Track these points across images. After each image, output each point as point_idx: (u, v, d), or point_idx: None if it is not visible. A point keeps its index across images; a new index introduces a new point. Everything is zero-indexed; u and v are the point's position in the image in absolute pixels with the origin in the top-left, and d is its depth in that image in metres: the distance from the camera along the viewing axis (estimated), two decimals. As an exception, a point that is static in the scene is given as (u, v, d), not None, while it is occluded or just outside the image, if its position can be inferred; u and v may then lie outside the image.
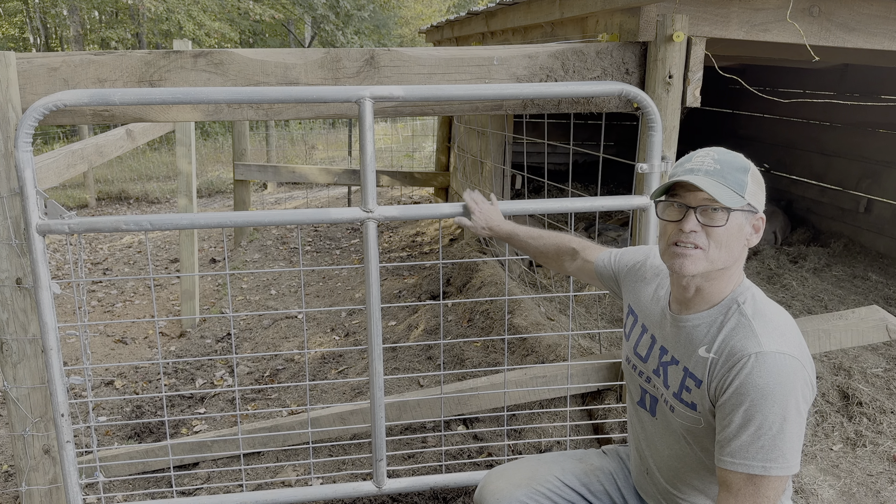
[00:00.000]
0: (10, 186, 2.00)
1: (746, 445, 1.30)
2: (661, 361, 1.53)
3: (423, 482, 2.36)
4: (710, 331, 1.43)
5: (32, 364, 2.13)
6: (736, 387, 1.32)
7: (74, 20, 15.76)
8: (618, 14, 2.49)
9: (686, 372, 1.45)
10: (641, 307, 1.65)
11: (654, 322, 1.59)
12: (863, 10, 2.40)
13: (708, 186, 1.34)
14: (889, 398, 3.02)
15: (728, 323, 1.40)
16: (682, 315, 1.48)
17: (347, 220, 2.06)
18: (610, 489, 1.76)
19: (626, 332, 1.70)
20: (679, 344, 1.48)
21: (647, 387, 1.59)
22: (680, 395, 1.46)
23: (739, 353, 1.34)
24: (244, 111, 2.20)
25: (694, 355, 1.44)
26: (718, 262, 1.39)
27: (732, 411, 1.32)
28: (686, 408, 1.45)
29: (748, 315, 1.38)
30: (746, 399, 1.30)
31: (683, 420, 1.47)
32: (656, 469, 1.60)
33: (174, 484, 2.53)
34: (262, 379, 4.16)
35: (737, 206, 1.35)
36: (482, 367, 3.45)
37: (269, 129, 12.42)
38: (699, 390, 1.41)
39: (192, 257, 5.18)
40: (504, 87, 2.10)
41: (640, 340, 1.62)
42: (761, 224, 1.43)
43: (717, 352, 1.39)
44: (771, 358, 1.30)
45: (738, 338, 1.36)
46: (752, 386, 1.30)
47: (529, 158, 8.34)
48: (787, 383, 1.29)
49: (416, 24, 21.54)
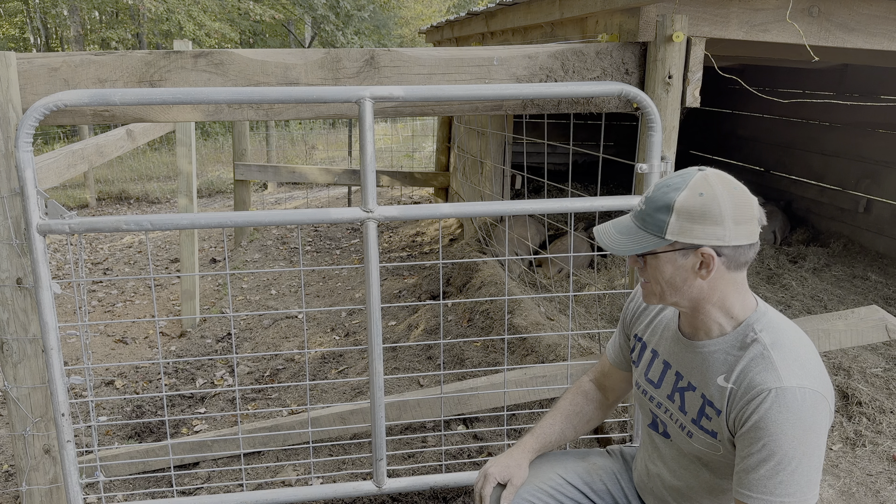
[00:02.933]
0: (11, 186, 2.01)
1: (765, 479, 1.29)
2: (678, 387, 1.51)
3: (423, 482, 2.36)
4: (727, 358, 1.40)
5: (33, 364, 2.13)
6: (755, 421, 1.30)
7: (75, 20, 15.76)
8: (617, 14, 2.49)
9: (705, 399, 1.43)
10: (650, 333, 1.63)
11: (665, 347, 1.57)
12: (862, 10, 2.40)
13: (608, 242, 1.42)
14: (888, 398, 3.03)
15: (747, 353, 1.37)
16: (697, 341, 1.46)
17: (347, 220, 2.07)
18: (613, 489, 1.76)
19: (635, 358, 1.68)
20: (696, 370, 1.47)
21: (659, 412, 1.57)
22: (699, 423, 1.45)
23: (759, 386, 1.31)
24: (244, 111, 2.21)
25: (712, 383, 1.42)
26: (671, 298, 1.41)
27: (752, 444, 1.31)
28: (706, 435, 1.43)
29: (767, 345, 1.35)
30: (766, 434, 1.29)
31: (702, 446, 1.45)
32: (663, 487, 1.60)
33: (174, 484, 2.53)
34: (263, 379, 4.16)
35: (643, 251, 1.38)
36: (482, 367, 3.45)
37: (270, 129, 12.42)
38: (719, 419, 1.40)
39: (192, 257, 5.18)
40: (504, 87, 2.11)
41: (652, 366, 1.60)
42: (709, 258, 1.34)
43: (735, 382, 1.37)
44: (791, 394, 1.28)
45: (758, 370, 1.33)
46: (771, 422, 1.28)
47: (529, 158, 8.35)
48: (808, 418, 1.28)
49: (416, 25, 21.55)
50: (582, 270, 4.97)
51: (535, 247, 5.25)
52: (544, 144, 7.93)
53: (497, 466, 1.70)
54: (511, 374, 2.65)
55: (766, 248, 5.52)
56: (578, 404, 1.81)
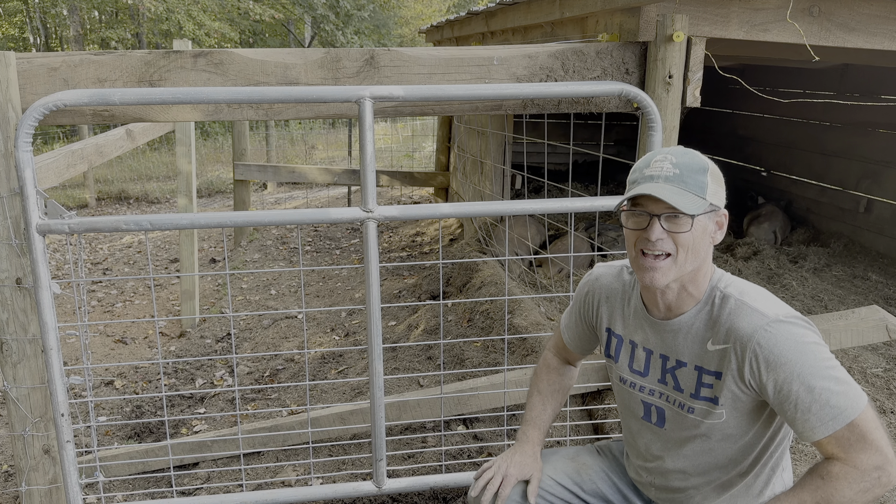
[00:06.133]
0: (10, 186, 2.00)
1: (823, 406, 1.30)
2: (667, 369, 1.52)
3: (423, 482, 2.36)
4: (707, 323, 1.44)
5: (32, 364, 2.13)
6: (773, 365, 1.33)
7: (74, 20, 15.76)
8: (618, 14, 2.49)
9: (700, 370, 1.45)
10: (623, 326, 1.63)
11: (642, 335, 1.57)
12: (863, 10, 2.40)
13: (669, 196, 1.34)
14: (889, 398, 3.02)
15: (722, 310, 1.41)
16: (672, 319, 1.49)
17: (347, 220, 2.06)
18: (603, 487, 1.75)
19: (612, 354, 1.66)
20: (680, 346, 1.48)
21: (652, 400, 1.57)
22: (699, 395, 1.46)
23: (751, 331, 1.35)
24: (244, 111, 2.20)
25: (702, 352, 1.44)
26: (687, 266, 1.40)
27: (787, 392, 1.32)
28: (708, 403, 1.45)
29: (736, 296, 1.41)
30: (792, 367, 1.31)
31: (703, 418, 1.46)
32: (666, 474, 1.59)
33: (174, 484, 2.53)
34: (262, 379, 4.16)
35: (699, 211, 1.35)
36: (482, 367, 3.45)
37: (269, 129, 12.42)
38: (720, 382, 1.41)
39: (192, 257, 5.18)
40: (504, 87, 2.10)
41: (634, 357, 1.60)
42: (724, 220, 1.44)
43: (726, 341, 1.39)
44: (782, 323, 1.34)
45: (741, 319, 1.38)
46: (786, 353, 1.32)
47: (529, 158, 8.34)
48: (809, 333, 1.34)
49: (416, 24, 21.54)
50: (582, 270, 4.97)
51: (536, 247, 5.25)
52: (544, 144, 7.92)
53: (515, 466, 1.70)
54: (511, 375, 2.65)
55: (767, 248, 5.52)
56: (555, 382, 1.86)
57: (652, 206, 1.39)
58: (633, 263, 1.45)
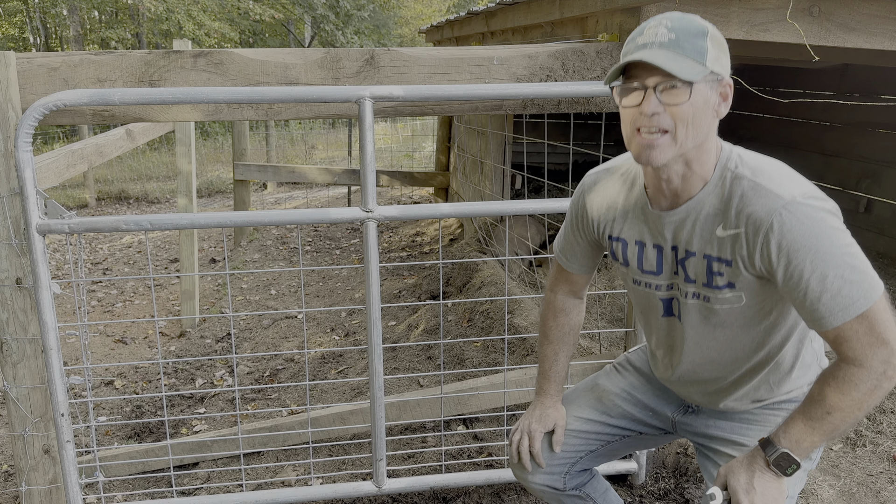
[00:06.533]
0: (10, 186, 2.00)
1: (834, 296, 1.23)
2: (678, 261, 1.43)
3: (423, 482, 2.36)
4: (716, 208, 1.33)
5: (32, 364, 2.13)
6: (786, 251, 1.24)
7: (74, 20, 15.76)
8: (618, 14, 2.49)
9: (709, 259, 1.36)
10: (627, 228, 1.52)
11: (648, 232, 1.47)
12: (863, 10, 2.40)
13: (662, 61, 1.21)
14: (889, 398, 3.03)
15: (733, 192, 1.31)
16: (678, 207, 1.38)
17: (347, 220, 2.07)
18: (628, 407, 1.70)
19: (620, 259, 1.56)
20: (688, 235, 1.39)
21: (669, 294, 1.49)
22: (712, 283, 1.38)
23: (765, 215, 1.26)
24: (244, 111, 2.21)
25: (712, 239, 1.35)
26: (688, 142, 1.28)
27: (797, 280, 1.25)
28: (725, 290, 1.37)
29: (749, 176, 1.30)
30: (806, 253, 1.23)
31: (722, 305, 1.39)
32: (695, 369, 1.54)
33: (174, 484, 2.53)
34: (262, 379, 4.16)
35: (698, 77, 1.23)
36: (482, 367, 3.45)
37: (269, 129, 12.42)
38: (732, 269, 1.33)
39: (192, 257, 5.18)
40: (504, 87, 2.10)
41: (643, 257, 1.50)
42: (729, 91, 1.31)
43: (736, 225, 1.30)
44: (798, 205, 1.24)
45: (755, 202, 1.28)
46: (801, 239, 1.23)
47: (529, 158, 8.34)
48: (828, 216, 1.24)
49: (416, 24, 21.54)
50: (582, 270, 4.96)
51: (535, 247, 5.25)
52: (544, 144, 7.92)
53: (536, 421, 1.67)
54: (511, 374, 2.65)
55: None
56: (563, 325, 1.78)
57: (646, 76, 1.25)
58: (630, 144, 1.32)
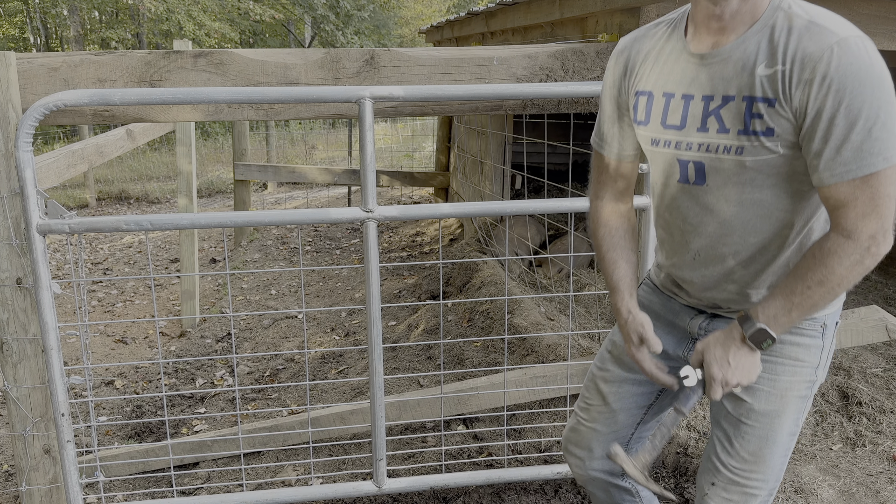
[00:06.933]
0: (11, 186, 2.01)
1: (860, 143, 1.18)
2: (709, 111, 1.36)
3: (423, 482, 2.36)
4: (761, 46, 1.28)
5: (33, 364, 2.13)
6: (828, 84, 1.19)
7: (74, 20, 15.77)
8: (618, 14, 2.49)
9: (749, 101, 1.30)
10: (656, 78, 1.46)
11: (681, 80, 1.41)
12: (862, 10, 2.40)
13: None
14: (888, 398, 3.03)
15: (783, 31, 1.26)
16: (720, 48, 1.33)
17: (347, 220, 2.07)
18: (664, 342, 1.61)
19: (642, 118, 1.49)
20: (726, 79, 1.33)
21: (690, 154, 1.41)
22: (750, 129, 1.30)
23: (817, 49, 1.20)
24: (244, 111, 2.21)
25: (753, 78, 1.29)
26: None
27: (824, 119, 1.20)
28: (764, 137, 1.29)
29: (803, 16, 1.25)
30: (844, 93, 1.17)
31: (757, 155, 1.31)
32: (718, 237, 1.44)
33: (174, 484, 2.53)
34: (263, 379, 4.16)
35: None
36: (482, 367, 3.45)
37: (269, 129, 12.43)
38: (774, 110, 1.27)
39: (192, 257, 5.18)
40: (504, 87, 2.11)
41: (668, 110, 1.43)
42: None
43: (783, 62, 1.24)
44: (853, 42, 1.18)
45: (807, 38, 1.22)
46: (843, 75, 1.17)
47: (529, 158, 8.34)
48: (878, 64, 1.18)
49: (416, 24, 21.55)
50: (582, 270, 4.97)
51: (535, 247, 5.25)
52: (544, 144, 7.93)
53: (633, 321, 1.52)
54: (511, 374, 2.65)
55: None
56: (616, 230, 1.65)
57: None
58: None
